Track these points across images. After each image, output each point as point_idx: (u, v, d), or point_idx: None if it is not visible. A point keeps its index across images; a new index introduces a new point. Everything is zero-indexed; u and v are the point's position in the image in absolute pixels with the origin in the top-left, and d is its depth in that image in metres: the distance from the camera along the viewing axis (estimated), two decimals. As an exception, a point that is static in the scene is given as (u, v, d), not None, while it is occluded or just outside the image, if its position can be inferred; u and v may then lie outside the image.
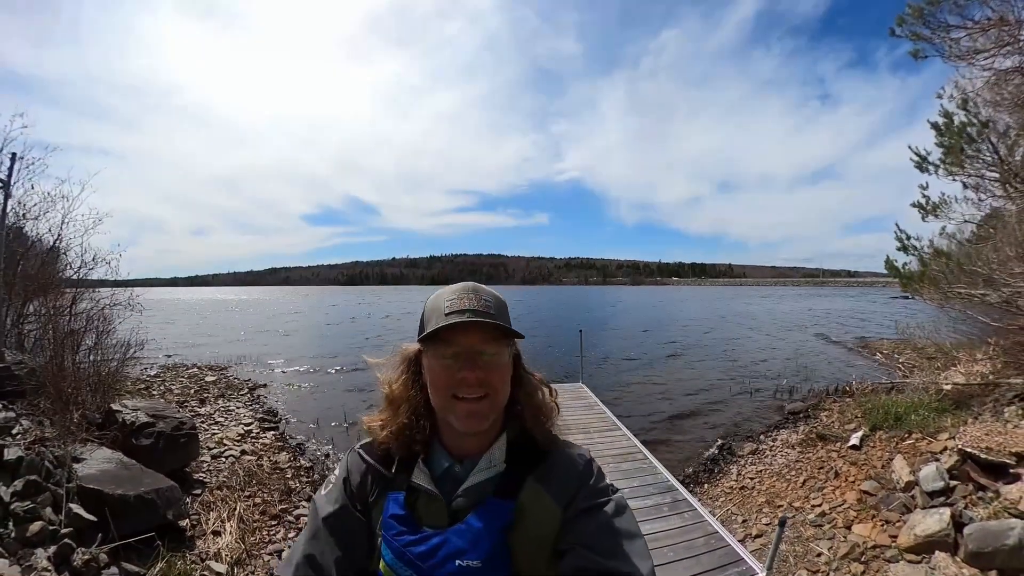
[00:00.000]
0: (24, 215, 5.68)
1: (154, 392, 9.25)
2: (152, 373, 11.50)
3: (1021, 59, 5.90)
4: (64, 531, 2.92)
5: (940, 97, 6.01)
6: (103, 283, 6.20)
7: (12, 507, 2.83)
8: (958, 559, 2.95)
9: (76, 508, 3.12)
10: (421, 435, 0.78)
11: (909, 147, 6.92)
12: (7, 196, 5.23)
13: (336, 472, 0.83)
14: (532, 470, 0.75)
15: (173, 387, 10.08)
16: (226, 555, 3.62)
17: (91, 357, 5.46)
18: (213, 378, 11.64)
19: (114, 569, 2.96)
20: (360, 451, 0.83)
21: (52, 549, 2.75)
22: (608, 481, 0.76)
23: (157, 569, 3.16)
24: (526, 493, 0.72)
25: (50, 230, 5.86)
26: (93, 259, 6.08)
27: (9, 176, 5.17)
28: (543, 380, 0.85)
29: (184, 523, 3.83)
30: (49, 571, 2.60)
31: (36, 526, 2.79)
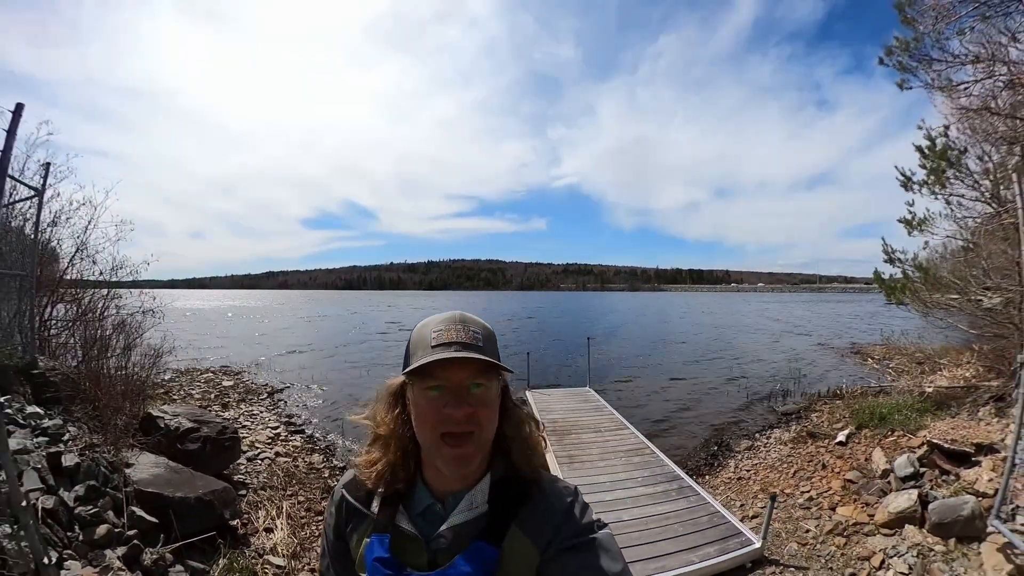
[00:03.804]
0: (55, 220, 5.75)
1: (175, 397, 9.13)
2: (166, 377, 11.85)
3: (996, 87, 6.46)
4: (129, 533, 3.04)
5: (920, 128, 6.59)
6: (101, 284, 6.13)
7: (76, 512, 2.93)
8: (924, 530, 3.50)
9: (139, 511, 3.25)
10: (406, 472, 0.77)
11: (895, 167, 7.49)
12: (40, 204, 5.24)
13: (331, 504, 0.86)
14: (516, 511, 0.73)
15: (193, 391, 10.10)
16: (282, 549, 3.86)
17: (124, 362, 5.53)
18: (230, 383, 11.69)
19: (180, 567, 3.13)
20: (344, 490, 0.83)
21: (121, 550, 2.88)
22: (594, 517, 0.74)
23: (220, 566, 3.30)
24: (509, 537, 0.70)
25: (75, 236, 5.91)
26: (122, 265, 6.20)
27: (43, 184, 5.21)
28: (530, 414, 0.84)
29: (235, 522, 3.98)
30: (123, 571, 2.75)
31: (102, 529, 2.90)
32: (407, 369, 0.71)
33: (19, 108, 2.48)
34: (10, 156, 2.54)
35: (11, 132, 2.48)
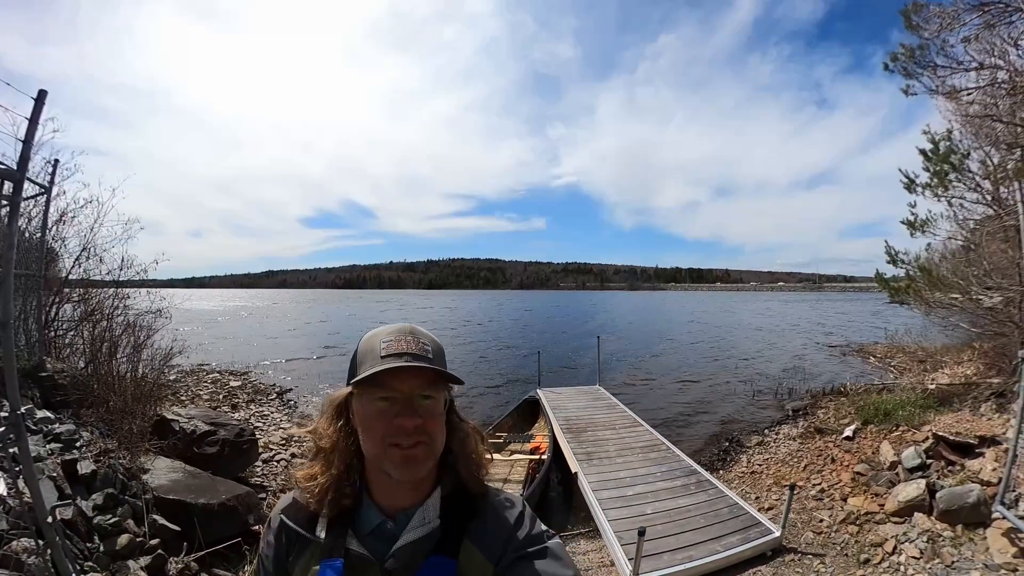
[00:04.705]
0: (61, 218, 5.65)
1: (182, 398, 8.87)
2: (172, 378, 11.79)
3: (998, 93, 6.66)
4: (152, 542, 2.94)
5: (926, 133, 6.78)
6: (103, 283, 6.01)
7: (96, 521, 2.82)
8: (932, 518, 3.73)
9: (160, 519, 3.15)
10: (352, 488, 0.74)
11: (899, 170, 7.70)
12: (48, 202, 5.25)
13: (268, 532, 0.80)
14: (468, 525, 0.73)
15: (201, 392, 10.07)
16: (307, 554, 3.93)
17: (134, 363, 5.39)
18: (237, 383, 11.63)
19: (205, 576, 3.02)
20: (282, 515, 0.78)
21: (144, 560, 2.79)
22: (543, 527, 0.75)
23: (248, 573, 3.20)
24: (463, 551, 0.70)
25: (81, 235, 5.82)
26: (130, 264, 6.08)
27: (51, 182, 5.18)
28: (476, 428, 0.82)
29: (257, 527, 3.82)
30: (150, 582, 2.63)
31: (124, 539, 2.80)
32: (356, 379, 0.69)
33: (42, 95, 2.41)
34: (32, 144, 2.45)
35: (33, 120, 2.41)
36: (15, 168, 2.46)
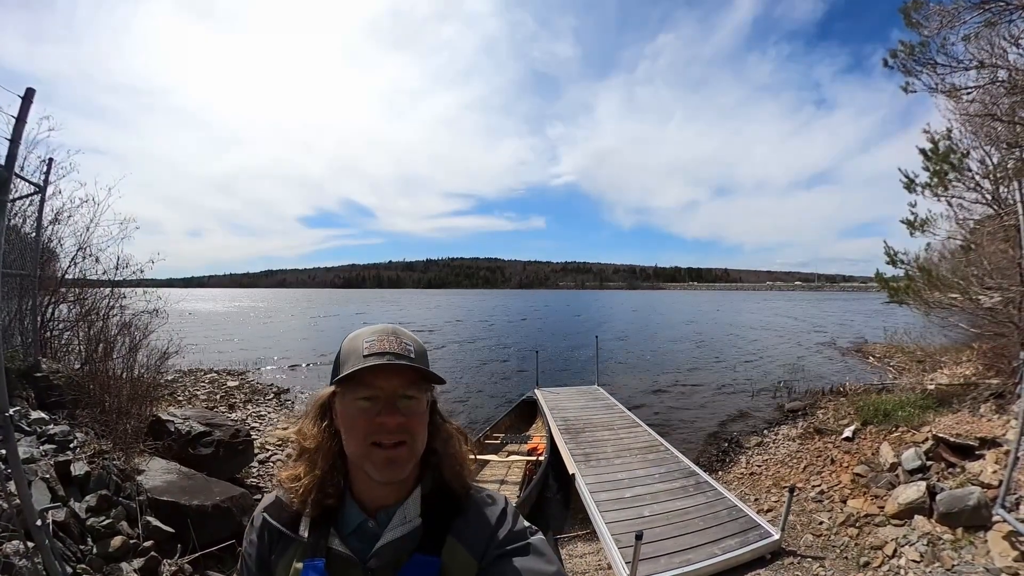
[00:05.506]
0: (56, 218, 5.60)
1: (179, 398, 8.91)
2: (169, 378, 11.74)
3: (998, 92, 6.64)
4: (145, 544, 2.93)
5: (925, 132, 6.76)
6: (101, 283, 5.98)
7: (89, 523, 2.80)
8: (932, 520, 3.71)
9: (154, 521, 3.14)
10: (335, 488, 0.74)
11: (899, 170, 7.67)
12: (42, 201, 5.13)
13: (251, 531, 0.80)
14: (450, 523, 0.73)
15: (198, 392, 10.06)
16: (301, 555, 3.91)
17: (130, 364, 5.30)
18: (235, 383, 11.65)
19: (199, 578, 2.98)
20: (265, 514, 0.78)
21: (138, 563, 2.77)
22: (526, 524, 0.76)
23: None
24: (446, 548, 0.70)
25: (77, 235, 5.79)
26: (126, 265, 6.07)
27: (45, 181, 5.09)
28: (459, 428, 0.82)
29: None
30: (142, 584, 2.59)
31: (117, 541, 2.78)
32: (338, 377, 0.70)
33: (29, 93, 2.38)
34: (19, 143, 2.42)
35: (20, 119, 2.38)
36: (2, 166, 2.43)
